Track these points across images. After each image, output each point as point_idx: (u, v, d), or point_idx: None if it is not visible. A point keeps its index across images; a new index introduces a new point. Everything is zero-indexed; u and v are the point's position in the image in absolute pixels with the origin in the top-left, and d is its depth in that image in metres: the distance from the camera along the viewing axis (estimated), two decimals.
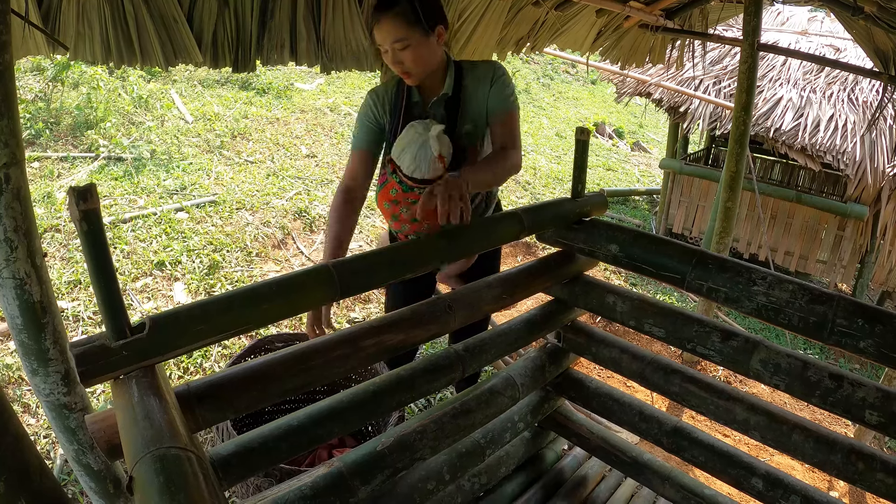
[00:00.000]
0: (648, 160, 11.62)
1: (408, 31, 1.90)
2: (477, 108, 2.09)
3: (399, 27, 1.89)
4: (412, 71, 1.97)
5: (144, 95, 7.02)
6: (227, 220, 5.02)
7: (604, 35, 3.96)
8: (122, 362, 1.02)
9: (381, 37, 1.92)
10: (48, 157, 5.49)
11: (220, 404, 1.19)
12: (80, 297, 3.76)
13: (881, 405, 1.43)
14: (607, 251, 1.86)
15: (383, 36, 1.92)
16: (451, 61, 2.11)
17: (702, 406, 1.80)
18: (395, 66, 1.97)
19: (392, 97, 2.13)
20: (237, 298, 1.17)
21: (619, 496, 2.21)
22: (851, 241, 6.34)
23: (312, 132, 7.58)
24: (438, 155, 1.88)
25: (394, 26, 1.89)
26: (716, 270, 1.64)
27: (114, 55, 2.14)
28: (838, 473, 1.57)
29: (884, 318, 1.41)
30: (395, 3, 1.89)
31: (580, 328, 2.14)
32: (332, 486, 1.42)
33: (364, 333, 1.45)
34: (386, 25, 1.89)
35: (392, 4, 1.89)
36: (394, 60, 1.95)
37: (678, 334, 1.77)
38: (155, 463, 0.82)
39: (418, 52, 1.94)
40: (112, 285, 1.00)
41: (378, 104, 2.14)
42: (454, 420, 1.71)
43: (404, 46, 1.91)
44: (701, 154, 8.27)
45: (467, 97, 2.09)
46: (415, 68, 1.96)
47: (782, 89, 6.39)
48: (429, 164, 1.89)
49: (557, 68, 15.52)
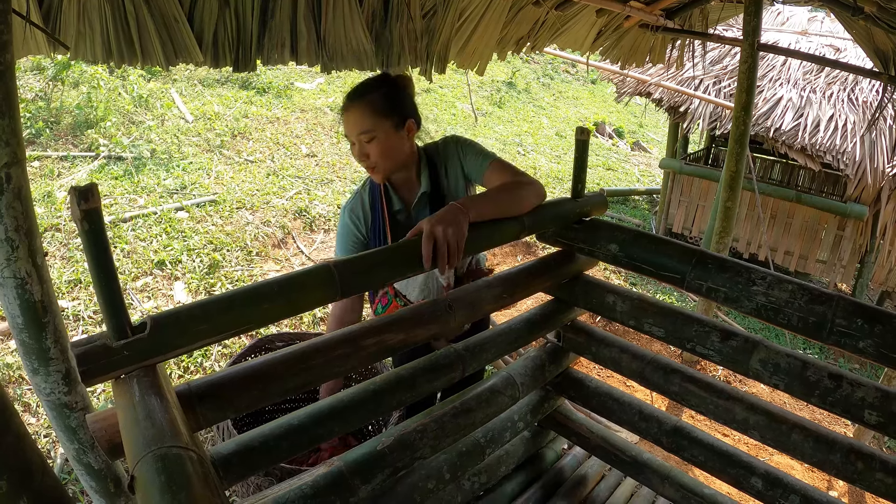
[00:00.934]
0: (648, 160, 11.63)
1: (375, 123, 1.84)
2: (456, 192, 2.03)
3: (367, 117, 1.83)
4: (378, 165, 1.89)
5: (145, 95, 7.03)
6: (227, 220, 5.03)
7: (604, 35, 3.95)
8: (124, 362, 1.03)
9: (348, 126, 1.87)
10: (48, 157, 5.49)
11: (221, 403, 1.19)
12: (80, 296, 3.76)
13: (880, 405, 1.44)
14: (607, 251, 1.86)
15: (350, 126, 1.86)
16: (423, 154, 2.04)
17: (701, 405, 1.80)
18: (360, 159, 1.89)
19: (370, 208, 2.04)
20: (238, 298, 1.17)
21: (619, 495, 2.21)
22: (851, 240, 6.34)
23: (313, 131, 7.59)
24: (447, 284, 1.89)
25: (361, 116, 1.84)
26: (715, 270, 1.64)
27: (114, 55, 2.14)
28: (837, 473, 1.57)
29: (883, 318, 1.41)
30: (365, 93, 1.84)
31: (580, 328, 2.14)
32: (332, 486, 1.42)
33: (365, 333, 1.45)
34: (354, 115, 1.84)
35: (364, 93, 1.84)
36: (360, 154, 1.88)
37: (678, 334, 1.77)
38: (156, 462, 0.83)
39: (386, 146, 1.87)
40: (113, 285, 1.00)
41: (358, 221, 2.05)
42: (454, 419, 1.71)
43: (370, 138, 1.85)
44: (701, 154, 8.27)
45: (446, 187, 2.03)
46: (381, 162, 1.89)
47: (782, 89, 6.39)
48: (437, 293, 1.90)
49: (557, 68, 15.52)
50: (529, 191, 1.77)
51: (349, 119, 1.85)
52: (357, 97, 1.84)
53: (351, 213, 2.04)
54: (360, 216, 2.04)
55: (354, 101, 1.84)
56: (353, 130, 1.86)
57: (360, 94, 1.84)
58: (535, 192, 1.79)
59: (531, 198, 1.77)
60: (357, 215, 2.04)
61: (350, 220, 2.04)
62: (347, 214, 2.05)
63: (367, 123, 1.83)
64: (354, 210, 2.05)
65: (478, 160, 1.96)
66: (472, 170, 1.98)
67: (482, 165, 1.94)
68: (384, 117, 1.85)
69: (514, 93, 12.75)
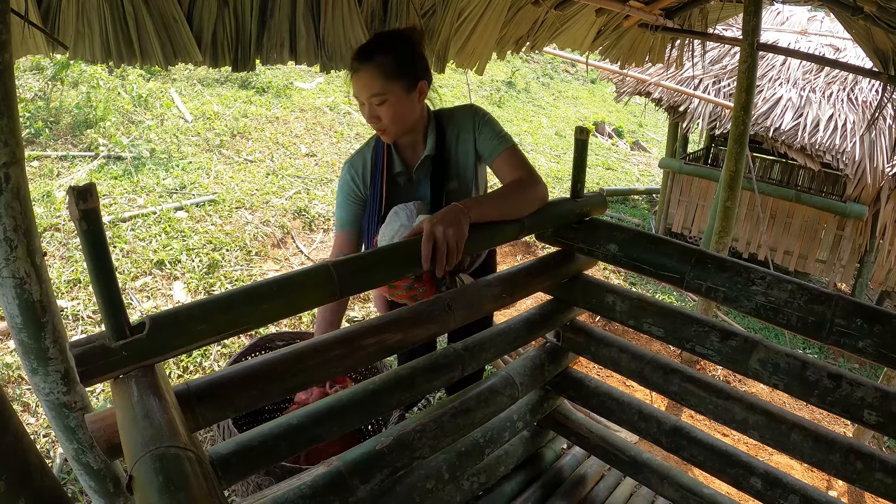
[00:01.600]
0: (648, 159, 11.63)
1: (386, 86, 1.78)
2: (462, 163, 2.00)
3: (377, 80, 1.77)
4: (388, 128, 1.85)
5: (144, 94, 7.03)
6: (226, 219, 5.03)
7: (603, 34, 3.95)
8: (122, 362, 1.03)
9: (358, 88, 1.80)
10: (47, 156, 5.49)
11: (220, 403, 1.19)
12: (79, 296, 3.76)
13: (880, 405, 1.44)
14: (606, 250, 1.86)
15: (360, 88, 1.80)
16: (432, 117, 1.99)
17: (701, 405, 1.80)
18: (370, 120, 1.84)
19: (371, 168, 2.00)
20: (237, 298, 1.17)
21: (618, 495, 2.21)
22: (851, 240, 6.34)
23: (312, 131, 7.59)
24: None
25: (372, 79, 1.77)
26: (715, 270, 1.64)
27: (113, 54, 2.14)
28: (837, 473, 1.57)
29: (883, 318, 1.41)
30: (376, 54, 1.77)
31: (579, 327, 2.14)
32: (331, 485, 1.42)
33: (364, 332, 1.45)
34: (364, 77, 1.77)
35: (373, 55, 1.77)
36: (370, 115, 1.83)
37: (677, 334, 1.77)
38: (154, 462, 0.83)
39: (396, 109, 1.82)
40: (112, 285, 1.00)
41: (357, 178, 2.01)
42: (454, 419, 1.71)
43: (381, 101, 1.79)
44: (700, 153, 8.27)
45: (452, 154, 1.99)
46: (392, 126, 1.85)
47: (782, 89, 6.39)
48: None
49: (557, 67, 15.52)
50: (533, 194, 1.78)
51: (359, 81, 1.79)
52: (367, 58, 1.77)
53: (351, 168, 2.02)
54: (360, 173, 2.01)
55: (365, 63, 1.77)
56: (363, 92, 1.79)
57: (371, 56, 1.77)
58: (539, 195, 1.80)
59: (534, 202, 1.78)
60: (357, 172, 2.01)
61: (349, 175, 2.02)
62: (347, 170, 2.02)
63: (378, 86, 1.77)
64: (355, 166, 2.02)
65: (493, 141, 1.93)
66: (485, 148, 1.95)
67: (497, 148, 1.92)
68: (396, 80, 1.79)
69: (513, 92, 12.75)
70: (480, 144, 1.95)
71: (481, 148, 1.96)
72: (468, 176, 2.01)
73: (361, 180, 2.01)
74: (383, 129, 1.86)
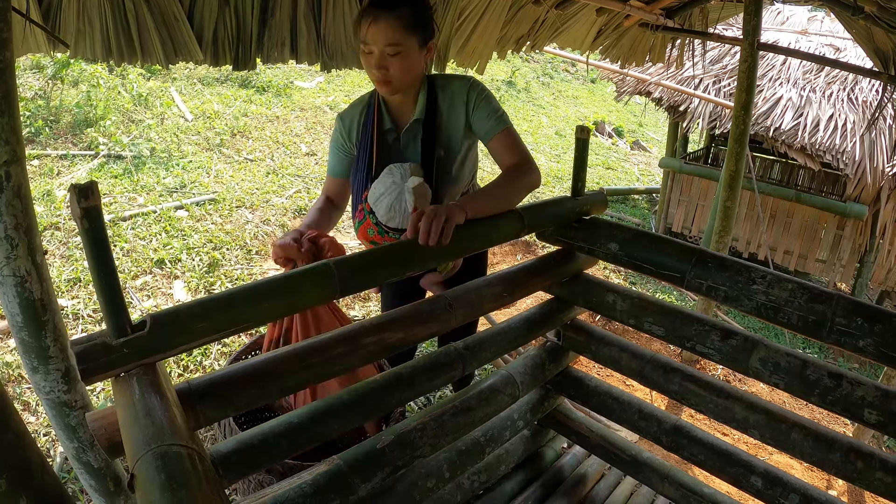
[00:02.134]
0: (648, 159, 11.63)
1: (404, 37, 1.76)
2: (451, 132, 1.98)
3: (397, 30, 1.74)
4: (394, 80, 1.82)
5: (144, 93, 7.03)
6: (226, 219, 5.03)
7: (604, 34, 3.96)
8: (123, 360, 1.03)
9: (374, 36, 1.74)
10: (48, 155, 5.49)
11: (221, 402, 1.20)
12: (80, 294, 3.76)
13: (880, 404, 1.44)
14: (607, 249, 1.86)
15: (377, 35, 1.74)
16: (425, 80, 1.97)
17: (701, 404, 1.80)
18: (377, 70, 1.79)
19: (361, 124, 2.00)
20: (237, 297, 1.17)
21: (619, 494, 2.21)
22: (851, 240, 6.34)
23: (312, 130, 7.59)
24: (414, 209, 1.76)
25: (392, 28, 1.74)
26: (715, 269, 1.64)
27: (114, 53, 2.14)
28: (837, 472, 1.57)
29: (883, 317, 1.41)
30: (399, 4, 1.74)
31: (580, 326, 2.14)
32: (332, 484, 1.42)
33: (364, 331, 1.45)
34: (384, 25, 1.73)
35: (396, 4, 1.74)
36: (378, 65, 1.78)
37: (678, 333, 1.77)
38: (156, 460, 0.83)
39: (408, 62, 1.80)
40: (113, 283, 1.00)
41: (345, 131, 2.02)
42: (454, 418, 1.71)
43: (396, 52, 1.76)
44: (700, 153, 8.27)
45: (442, 120, 1.97)
46: (399, 78, 1.81)
47: (782, 89, 6.39)
48: (404, 217, 1.83)
49: (557, 67, 15.52)
50: (524, 184, 1.82)
51: (377, 28, 1.73)
52: (388, 7, 1.73)
53: (341, 121, 2.04)
54: (348, 127, 2.03)
55: (385, 11, 1.73)
56: (379, 40, 1.74)
57: (393, 5, 1.73)
58: (530, 183, 1.84)
59: (524, 191, 1.82)
60: (346, 125, 2.03)
61: (339, 129, 2.04)
62: (338, 122, 2.05)
63: (398, 36, 1.75)
64: (345, 120, 2.04)
65: (490, 120, 1.91)
66: (480, 126, 1.93)
67: (493, 129, 1.91)
68: (413, 33, 1.78)
69: (513, 92, 12.75)
70: (476, 122, 1.94)
71: (477, 126, 1.94)
72: (454, 147, 1.99)
73: (348, 135, 2.03)
74: (388, 80, 1.81)
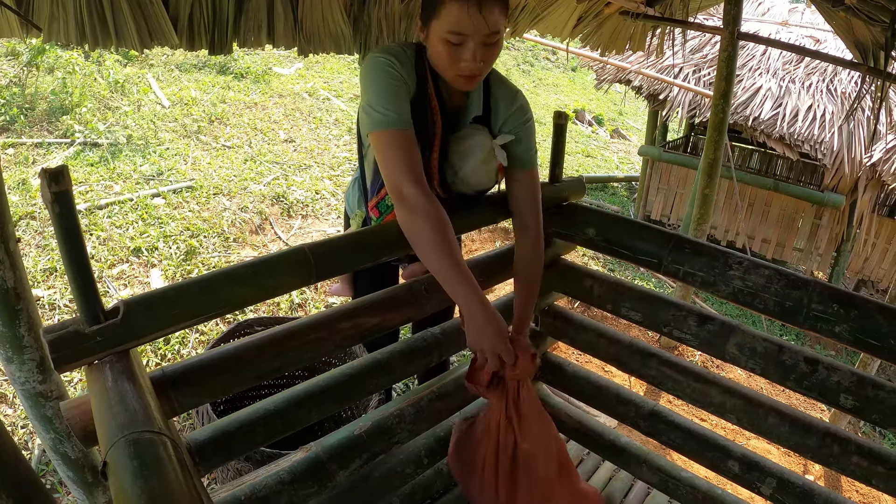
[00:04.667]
0: (627, 147, 11.68)
1: (503, 24, 1.49)
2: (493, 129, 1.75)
3: (501, 17, 1.47)
4: (482, 72, 1.54)
5: (121, 80, 6.93)
6: (204, 206, 4.98)
7: (584, 21, 3.95)
8: (97, 347, 1.01)
9: (477, 24, 1.42)
10: (23, 144, 5.40)
11: (196, 389, 1.19)
12: (55, 284, 3.71)
13: (856, 389, 1.46)
14: (584, 235, 1.87)
15: (479, 24, 1.42)
16: None
17: (678, 389, 1.81)
18: (471, 63, 1.47)
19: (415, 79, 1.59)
20: (212, 281, 1.16)
21: (597, 479, 2.22)
22: (828, 229, 6.42)
23: (290, 117, 7.53)
24: (500, 165, 1.66)
25: (499, 15, 1.46)
26: (692, 254, 1.65)
27: (88, 37, 2.11)
28: (813, 456, 1.59)
29: (858, 303, 1.43)
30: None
31: (558, 312, 2.15)
32: (310, 471, 1.42)
33: (341, 316, 1.45)
34: (488, 12, 1.42)
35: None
36: (474, 57, 1.46)
37: (655, 318, 1.78)
38: (129, 447, 0.82)
39: (498, 50, 1.52)
40: (85, 269, 0.99)
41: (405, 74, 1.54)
42: (432, 404, 1.72)
43: (496, 41, 1.48)
44: (680, 142, 8.32)
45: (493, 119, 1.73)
46: (486, 69, 1.54)
47: (762, 79, 6.43)
48: (489, 175, 1.68)
49: (538, 55, 15.50)
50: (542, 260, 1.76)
51: (485, 15, 1.41)
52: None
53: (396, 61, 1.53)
54: (404, 73, 1.54)
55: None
56: (482, 29, 1.43)
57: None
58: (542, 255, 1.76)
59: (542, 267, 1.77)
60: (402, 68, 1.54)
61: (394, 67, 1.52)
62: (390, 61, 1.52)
63: (501, 23, 1.47)
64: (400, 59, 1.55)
65: (527, 152, 1.71)
66: (514, 149, 1.69)
67: (525, 162, 1.70)
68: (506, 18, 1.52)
69: None
70: (513, 146, 1.69)
71: (511, 146, 1.69)
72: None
73: (407, 75, 1.56)
74: (477, 72, 1.51)
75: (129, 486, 0.76)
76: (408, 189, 1.40)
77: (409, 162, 1.43)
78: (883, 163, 5.64)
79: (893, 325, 1.37)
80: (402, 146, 1.44)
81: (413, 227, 1.40)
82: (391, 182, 1.42)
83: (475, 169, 1.64)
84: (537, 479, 1.68)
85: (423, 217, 1.39)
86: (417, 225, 1.39)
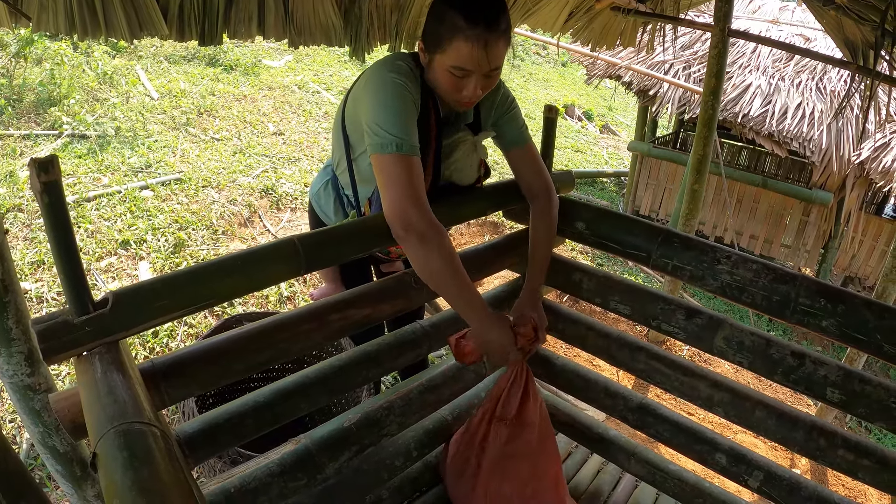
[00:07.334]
0: (617, 143, 11.69)
1: (505, 56, 1.54)
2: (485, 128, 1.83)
3: (505, 50, 1.51)
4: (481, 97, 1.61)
5: (109, 72, 6.87)
6: (192, 198, 4.96)
7: (575, 16, 3.95)
8: (85, 338, 1.01)
9: (488, 59, 1.47)
10: (10, 135, 5.35)
11: (186, 380, 1.18)
12: (43, 277, 3.69)
13: (843, 383, 1.47)
14: (574, 228, 1.87)
15: (484, 61, 1.47)
16: None
17: (666, 383, 1.82)
18: (472, 93, 1.53)
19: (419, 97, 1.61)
20: (201, 272, 1.16)
21: (586, 472, 2.23)
22: (815, 226, 6.46)
23: (280, 110, 7.50)
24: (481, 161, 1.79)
25: (502, 51, 1.50)
26: (681, 248, 1.66)
27: (77, 26, 2.09)
28: (800, 450, 1.61)
29: (846, 298, 1.44)
30: (503, 19, 1.48)
31: (547, 305, 2.15)
32: (299, 463, 1.42)
33: (330, 308, 1.45)
34: (494, 49, 1.46)
35: (500, 20, 1.47)
36: (474, 89, 1.52)
37: (643, 311, 1.79)
38: (118, 438, 0.82)
39: (497, 79, 1.58)
40: (74, 259, 0.98)
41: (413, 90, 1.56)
42: (421, 396, 1.72)
43: (497, 73, 1.54)
44: (669, 138, 8.33)
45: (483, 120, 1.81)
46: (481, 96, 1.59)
47: (751, 76, 6.45)
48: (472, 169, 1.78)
49: (528, 49, 15.50)
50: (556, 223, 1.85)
51: (488, 53, 1.46)
52: (496, 25, 1.46)
53: (405, 79, 1.54)
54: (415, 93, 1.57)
55: (494, 31, 1.45)
56: (486, 67, 1.48)
57: (500, 22, 1.47)
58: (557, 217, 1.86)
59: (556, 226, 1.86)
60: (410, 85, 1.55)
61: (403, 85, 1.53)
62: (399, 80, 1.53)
63: (504, 57, 1.52)
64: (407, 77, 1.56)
65: (518, 130, 1.80)
66: (507, 132, 1.80)
67: (518, 139, 1.80)
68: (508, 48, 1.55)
69: None
70: (504, 126, 1.80)
71: (503, 130, 1.80)
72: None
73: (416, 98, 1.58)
74: (477, 100, 1.60)
75: (119, 477, 0.75)
76: (416, 218, 1.41)
77: (417, 189, 1.44)
78: (871, 161, 5.67)
79: (880, 321, 1.39)
80: (411, 172, 1.45)
81: (426, 261, 1.43)
82: (397, 208, 1.42)
83: (458, 164, 1.72)
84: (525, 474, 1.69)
85: (437, 249, 1.42)
86: (431, 259, 1.42)
